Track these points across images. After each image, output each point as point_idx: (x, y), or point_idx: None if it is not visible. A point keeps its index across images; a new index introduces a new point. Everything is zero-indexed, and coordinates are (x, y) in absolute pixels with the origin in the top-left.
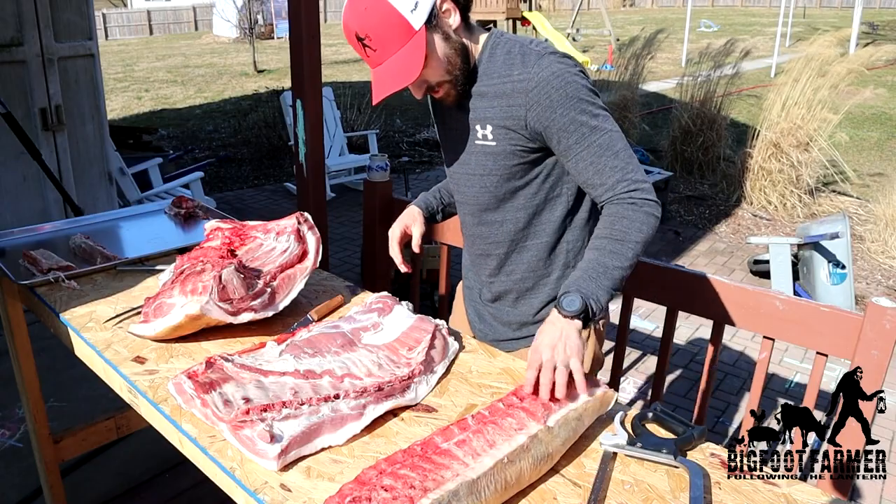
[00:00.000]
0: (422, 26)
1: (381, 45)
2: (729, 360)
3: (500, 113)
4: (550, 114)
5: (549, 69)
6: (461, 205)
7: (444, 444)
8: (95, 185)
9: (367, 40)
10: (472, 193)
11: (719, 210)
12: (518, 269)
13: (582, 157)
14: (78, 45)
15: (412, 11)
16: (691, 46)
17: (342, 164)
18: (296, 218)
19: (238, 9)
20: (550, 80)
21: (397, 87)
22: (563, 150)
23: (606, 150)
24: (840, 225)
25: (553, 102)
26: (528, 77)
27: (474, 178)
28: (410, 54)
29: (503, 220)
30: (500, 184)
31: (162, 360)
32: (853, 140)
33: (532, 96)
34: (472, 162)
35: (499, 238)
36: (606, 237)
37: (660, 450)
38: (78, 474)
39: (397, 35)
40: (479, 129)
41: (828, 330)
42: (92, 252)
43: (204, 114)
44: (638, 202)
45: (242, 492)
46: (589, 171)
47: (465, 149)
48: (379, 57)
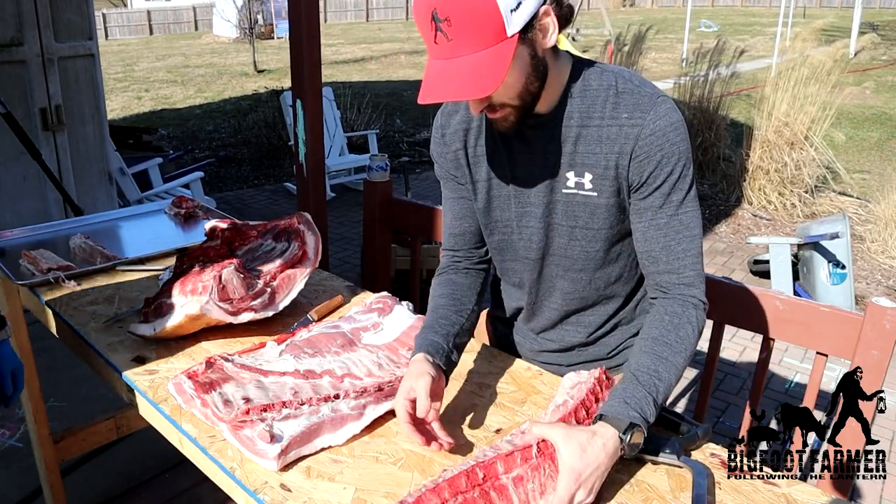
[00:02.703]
0: (515, 34)
1: (461, 37)
2: (729, 360)
3: (602, 161)
4: (654, 168)
5: (667, 118)
6: (515, 259)
7: (503, 478)
8: (95, 185)
9: (445, 23)
10: (554, 247)
11: (719, 210)
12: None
13: (659, 225)
14: (78, 45)
15: (512, 11)
16: (691, 46)
17: (342, 164)
18: (296, 218)
19: (238, 9)
20: (667, 131)
21: (464, 95)
22: (643, 208)
23: (686, 230)
24: (840, 225)
25: (663, 157)
26: (643, 123)
27: (561, 230)
28: (493, 61)
29: (588, 278)
30: (601, 239)
31: (162, 360)
32: (853, 140)
33: (643, 144)
34: (559, 211)
35: (581, 294)
36: (666, 343)
37: (663, 449)
38: (78, 474)
39: (486, 32)
40: (573, 175)
41: (828, 330)
42: (92, 252)
43: (204, 114)
44: (699, 305)
45: (242, 492)
46: (655, 241)
47: (543, 196)
48: (452, 49)
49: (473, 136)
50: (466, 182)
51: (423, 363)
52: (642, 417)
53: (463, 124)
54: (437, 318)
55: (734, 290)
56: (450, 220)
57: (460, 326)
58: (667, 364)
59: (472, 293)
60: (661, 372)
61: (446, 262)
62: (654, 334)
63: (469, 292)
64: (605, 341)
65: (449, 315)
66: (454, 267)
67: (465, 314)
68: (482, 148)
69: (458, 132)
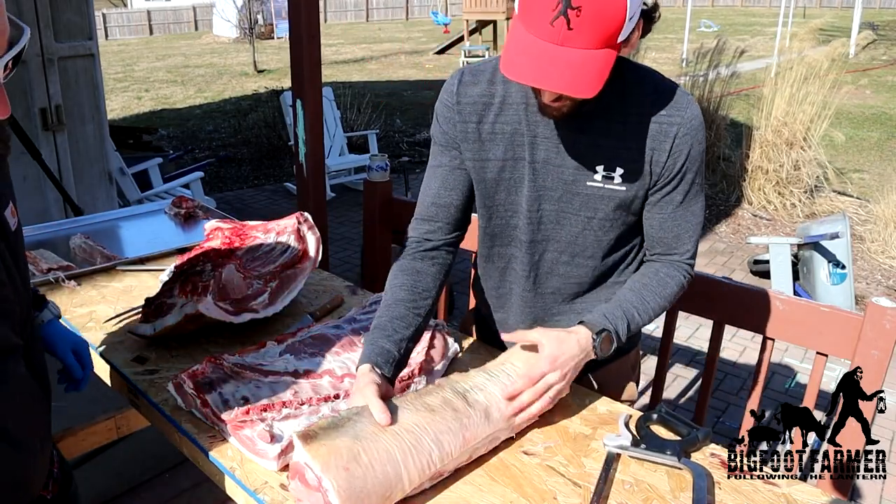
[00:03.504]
0: (619, 42)
1: (583, 30)
2: (729, 360)
3: (637, 155)
4: (682, 165)
5: (699, 118)
6: (510, 244)
7: None
8: (95, 185)
9: (574, 11)
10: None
11: (719, 210)
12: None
13: (674, 216)
14: (78, 45)
15: (629, 20)
16: (691, 46)
17: (342, 164)
18: (296, 218)
19: (238, 9)
20: (698, 130)
21: (567, 89)
22: (665, 202)
23: (693, 220)
24: (840, 225)
25: (690, 154)
26: (680, 122)
27: (576, 219)
28: (599, 65)
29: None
30: (617, 228)
31: (162, 360)
32: (853, 140)
33: (679, 142)
34: (577, 202)
35: (582, 279)
36: (652, 290)
37: (664, 451)
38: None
39: (605, 33)
40: (602, 169)
41: (828, 330)
42: (92, 252)
43: (204, 114)
44: (688, 276)
45: (242, 492)
46: (670, 231)
47: (562, 185)
48: (566, 38)
49: (493, 113)
50: (472, 157)
51: (369, 375)
52: (614, 329)
53: (483, 98)
54: (392, 317)
55: (734, 290)
56: (436, 188)
57: (415, 328)
58: (645, 305)
59: (434, 284)
60: (638, 307)
61: (414, 240)
62: (644, 281)
63: (431, 283)
64: None
65: (405, 315)
66: (421, 248)
67: (423, 311)
68: (501, 126)
69: (477, 105)
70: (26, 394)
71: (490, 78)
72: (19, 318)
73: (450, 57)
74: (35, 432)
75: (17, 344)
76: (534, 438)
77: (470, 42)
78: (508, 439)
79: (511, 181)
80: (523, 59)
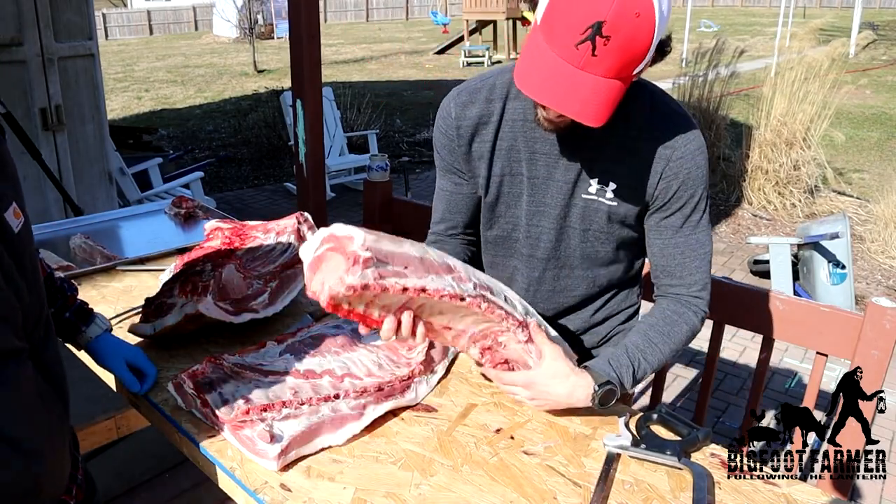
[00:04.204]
0: (632, 75)
1: (606, 58)
2: (729, 360)
3: (629, 171)
4: (678, 189)
5: (697, 141)
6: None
7: None
8: (95, 185)
9: (603, 40)
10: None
11: (719, 210)
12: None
13: (676, 243)
14: (78, 45)
15: (651, 51)
16: (691, 46)
17: (342, 164)
18: (296, 218)
19: (238, 9)
20: (697, 155)
21: (581, 116)
22: (663, 227)
23: (699, 249)
24: (840, 225)
25: (689, 179)
26: (675, 145)
27: (574, 231)
28: (612, 94)
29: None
30: (613, 240)
31: (162, 360)
32: (853, 140)
33: (673, 166)
34: (574, 215)
35: (582, 291)
36: (659, 331)
37: (664, 451)
38: None
39: (625, 65)
40: (596, 183)
41: (828, 330)
42: (92, 252)
43: (204, 114)
44: (700, 313)
45: (242, 492)
46: (672, 258)
47: (561, 200)
48: (587, 63)
49: (491, 131)
50: (473, 177)
51: None
52: (619, 380)
53: (483, 117)
54: None
55: (734, 290)
56: (442, 210)
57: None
58: (654, 349)
59: (463, 256)
60: (647, 353)
61: (433, 234)
62: (652, 322)
63: (459, 255)
64: (596, 330)
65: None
66: (442, 236)
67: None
68: (500, 142)
69: (477, 125)
70: (33, 396)
71: (487, 96)
72: (24, 321)
73: (450, 57)
74: (44, 436)
75: (20, 347)
76: (534, 438)
77: (470, 42)
78: (508, 439)
79: (510, 196)
80: (541, 76)
